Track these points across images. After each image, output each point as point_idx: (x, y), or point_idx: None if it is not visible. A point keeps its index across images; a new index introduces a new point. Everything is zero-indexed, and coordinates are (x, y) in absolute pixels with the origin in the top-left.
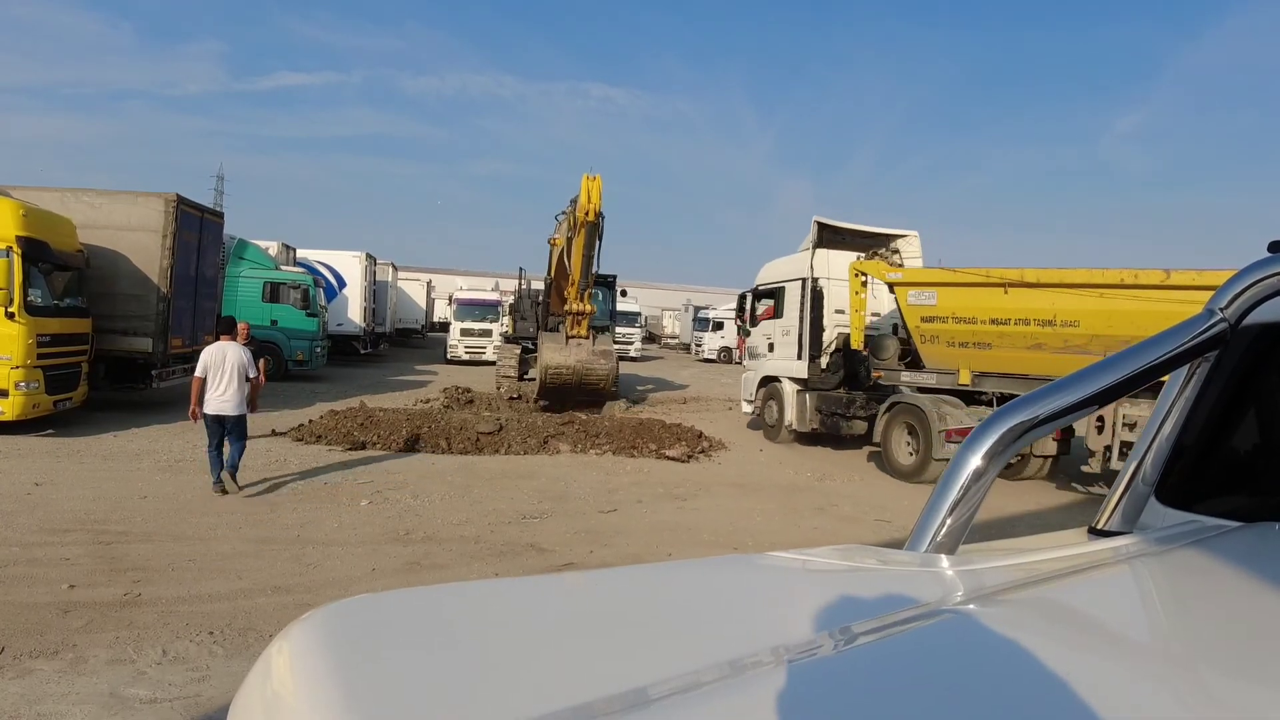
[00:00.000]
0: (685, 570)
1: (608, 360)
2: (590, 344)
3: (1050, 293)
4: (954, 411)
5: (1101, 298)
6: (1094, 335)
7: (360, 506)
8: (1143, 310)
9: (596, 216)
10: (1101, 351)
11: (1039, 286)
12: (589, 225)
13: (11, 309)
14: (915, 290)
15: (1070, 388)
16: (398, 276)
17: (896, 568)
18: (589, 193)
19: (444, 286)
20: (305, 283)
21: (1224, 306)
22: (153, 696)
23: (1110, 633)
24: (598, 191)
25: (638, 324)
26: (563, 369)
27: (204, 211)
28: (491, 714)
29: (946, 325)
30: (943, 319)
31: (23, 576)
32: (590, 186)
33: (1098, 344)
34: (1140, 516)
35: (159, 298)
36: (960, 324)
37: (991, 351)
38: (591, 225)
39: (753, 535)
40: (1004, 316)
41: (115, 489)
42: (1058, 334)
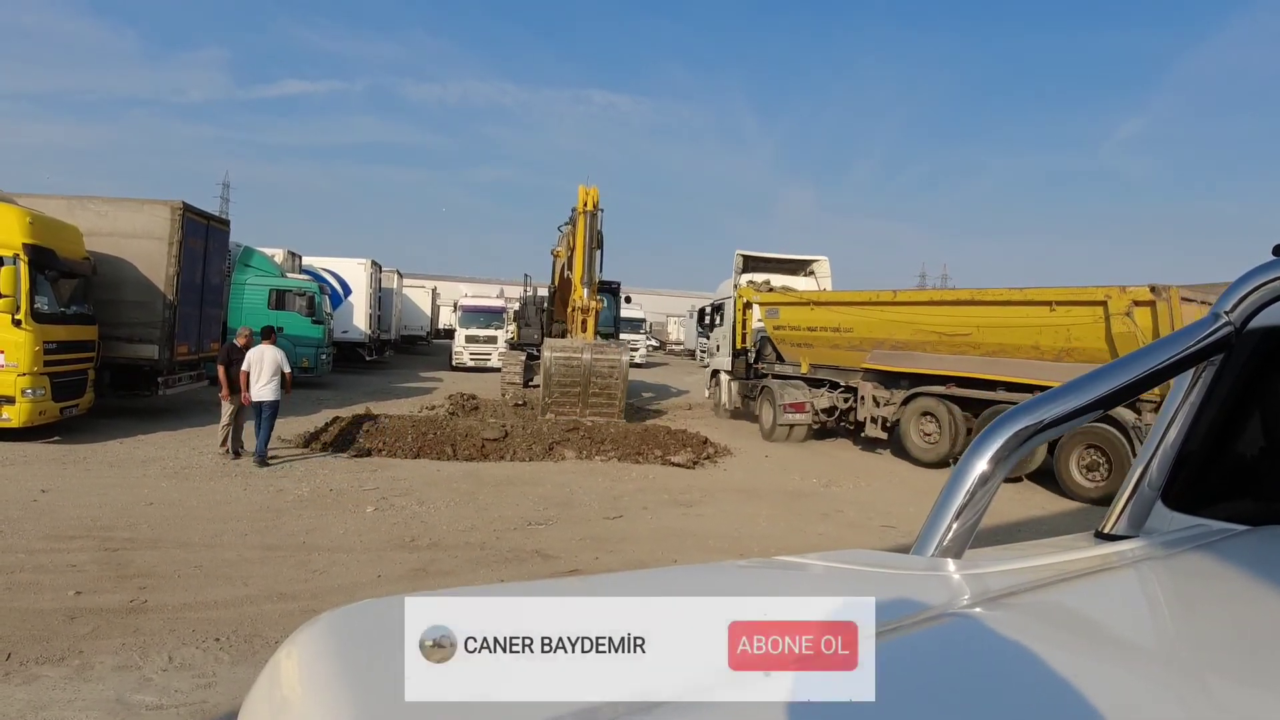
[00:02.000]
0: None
1: (618, 354)
2: (597, 342)
3: (838, 308)
4: (793, 391)
5: (862, 310)
6: (862, 337)
7: (366, 513)
8: (886, 319)
9: (595, 207)
10: (870, 349)
11: (825, 305)
12: (589, 214)
13: (18, 316)
14: (768, 307)
15: (1075, 392)
16: (403, 283)
17: (902, 572)
18: (586, 192)
19: (449, 293)
20: (311, 290)
21: (1229, 310)
22: (159, 703)
23: (1117, 636)
24: (595, 193)
25: (643, 330)
26: (571, 358)
27: (209, 219)
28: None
29: (786, 332)
30: (783, 327)
31: (29, 583)
32: (586, 190)
33: (866, 343)
34: (1146, 521)
35: (165, 305)
36: (793, 330)
37: (814, 350)
38: (590, 215)
39: (758, 541)
40: (814, 325)
41: (121, 496)
42: (842, 337)
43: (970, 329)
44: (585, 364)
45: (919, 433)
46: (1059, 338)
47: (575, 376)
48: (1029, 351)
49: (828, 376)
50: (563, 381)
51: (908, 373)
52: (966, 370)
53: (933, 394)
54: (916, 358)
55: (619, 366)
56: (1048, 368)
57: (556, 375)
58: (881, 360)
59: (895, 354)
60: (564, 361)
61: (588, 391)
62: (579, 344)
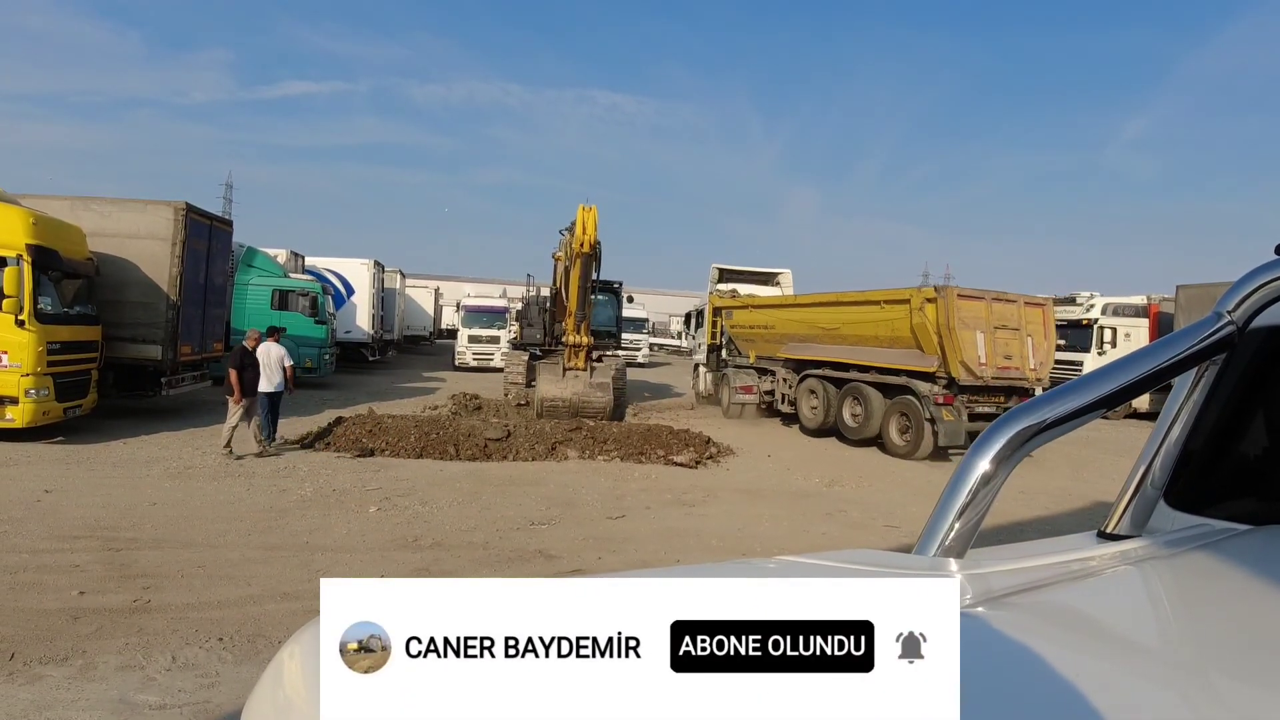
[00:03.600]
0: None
1: (604, 393)
2: (588, 376)
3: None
4: (743, 377)
5: (779, 312)
6: (780, 333)
7: (369, 513)
8: (792, 318)
9: (592, 247)
10: (786, 342)
11: (757, 308)
12: (584, 257)
13: (21, 316)
14: (726, 310)
15: (1078, 392)
16: (405, 284)
17: (905, 571)
18: (584, 224)
19: (452, 293)
20: (314, 290)
21: (1231, 309)
22: (162, 703)
23: (1119, 636)
24: (593, 223)
25: (645, 330)
26: (558, 401)
27: (213, 219)
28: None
29: (738, 330)
30: (737, 326)
31: (33, 583)
32: (585, 217)
33: (784, 338)
34: (1149, 520)
35: (168, 305)
36: (742, 329)
37: (756, 344)
38: (588, 256)
39: (761, 541)
40: (754, 324)
41: (125, 496)
42: (770, 333)
43: (838, 324)
44: (574, 405)
45: (808, 406)
46: (886, 329)
47: (563, 415)
48: (871, 340)
49: (766, 365)
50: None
51: (802, 359)
52: (835, 356)
53: (815, 375)
54: (808, 348)
55: (605, 410)
56: (881, 353)
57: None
58: (790, 350)
59: (797, 345)
60: (552, 404)
61: None
62: (568, 389)
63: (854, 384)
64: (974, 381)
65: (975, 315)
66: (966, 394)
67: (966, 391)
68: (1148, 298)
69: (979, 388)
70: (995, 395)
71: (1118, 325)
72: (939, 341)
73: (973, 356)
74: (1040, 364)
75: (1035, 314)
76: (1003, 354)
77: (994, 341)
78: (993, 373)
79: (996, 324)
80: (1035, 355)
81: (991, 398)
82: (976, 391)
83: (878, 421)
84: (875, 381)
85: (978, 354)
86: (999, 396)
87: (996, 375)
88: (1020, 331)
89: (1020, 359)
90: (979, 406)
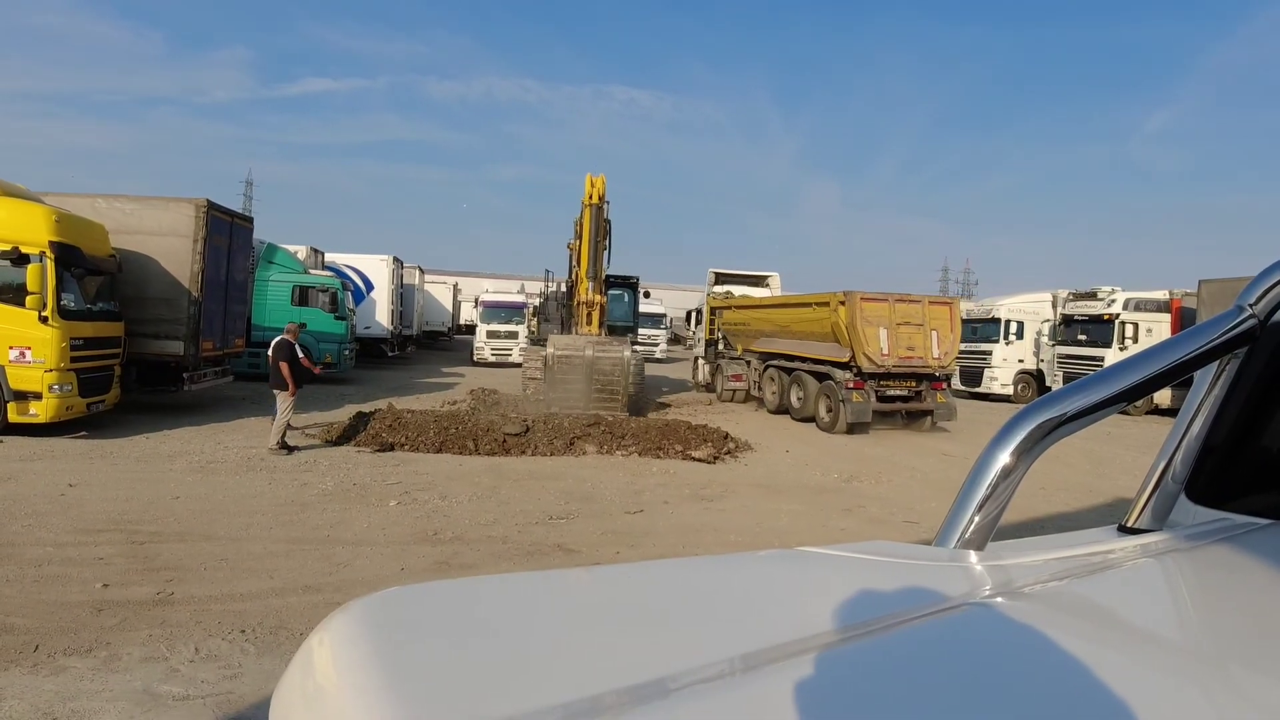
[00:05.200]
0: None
1: (621, 347)
2: (601, 336)
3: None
4: (734, 366)
5: (751, 312)
6: (754, 330)
7: (389, 507)
8: (759, 317)
9: (600, 200)
10: (759, 337)
11: (739, 309)
12: (593, 208)
13: (45, 313)
14: (718, 310)
15: (1098, 385)
16: (424, 280)
17: (924, 562)
18: (592, 183)
19: (470, 289)
20: (334, 286)
21: (1253, 303)
22: (185, 694)
23: (1139, 628)
24: (601, 184)
25: (663, 325)
26: (572, 355)
27: (234, 216)
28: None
29: (729, 327)
30: (728, 324)
31: (57, 575)
32: (593, 180)
33: (757, 334)
34: (1170, 514)
35: (190, 301)
36: (732, 326)
37: (741, 339)
38: (596, 208)
39: (779, 536)
40: (739, 322)
41: (148, 490)
42: (749, 330)
43: (789, 322)
44: (587, 360)
45: (770, 391)
46: (816, 326)
47: (577, 373)
48: (807, 336)
49: (749, 357)
50: (565, 377)
51: (765, 352)
52: (786, 349)
53: (774, 365)
54: (771, 342)
55: (621, 362)
56: (814, 346)
57: (559, 371)
58: (759, 345)
59: (764, 340)
60: (565, 358)
61: (590, 387)
62: (582, 340)
63: (798, 372)
64: (877, 370)
65: (878, 314)
66: (874, 380)
67: (874, 378)
68: (1170, 293)
69: (884, 374)
70: (905, 380)
71: (1139, 320)
72: (849, 336)
73: (875, 349)
74: (944, 353)
75: (941, 311)
76: (905, 345)
77: (896, 335)
78: (894, 362)
79: (899, 321)
80: (939, 346)
81: (902, 383)
82: (884, 377)
83: (812, 402)
84: (811, 370)
85: (880, 346)
86: (910, 381)
87: (898, 364)
88: (924, 326)
89: (923, 349)
90: (890, 390)
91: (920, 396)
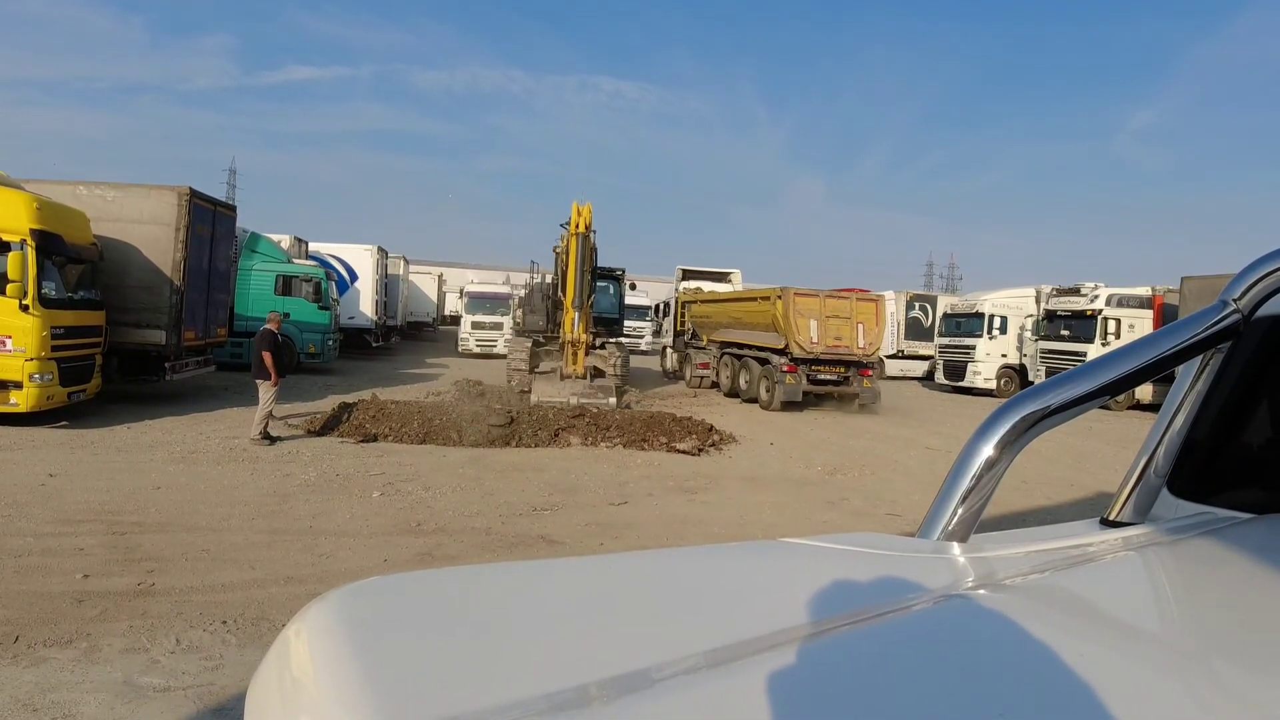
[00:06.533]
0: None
1: (607, 395)
2: (586, 381)
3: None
4: (702, 355)
5: (712, 305)
6: (714, 322)
7: (372, 498)
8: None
9: (588, 229)
10: (718, 329)
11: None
12: (580, 237)
13: (25, 301)
14: (686, 303)
15: (1082, 378)
16: (409, 270)
17: (907, 554)
18: (579, 212)
19: (455, 280)
20: (317, 276)
21: (1237, 298)
22: (166, 685)
23: (1120, 621)
24: (588, 212)
25: (648, 318)
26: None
27: (216, 205)
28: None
29: (696, 320)
30: (696, 316)
31: (37, 566)
32: (579, 209)
33: (717, 325)
34: (1152, 508)
35: (172, 290)
36: (698, 318)
37: (706, 330)
38: (583, 237)
39: (763, 528)
40: (703, 315)
41: (129, 480)
42: (712, 321)
43: (741, 314)
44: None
45: (725, 376)
46: (759, 318)
47: None
48: (755, 326)
49: (711, 346)
50: None
51: (722, 341)
52: (737, 339)
53: (729, 353)
54: (727, 332)
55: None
56: (758, 335)
57: None
58: (719, 335)
59: (721, 330)
60: None
61: None
62: (567, 389)
63: (746, 358)
64: (806, 356)
65: (810, 308)
66: (806, 365)
67: (805, 363)
68: (1152, 289)
69: (814, 360)
70: (834, 366)
71: (1122, 316)
72: (784, 326)
73: (806, 338)
74: (870, 344)
75: (868, 307)
76: (834, 336)
77: (825, 327)
78: (823, 349)
79: (829, 314)
80: (865, 337)
81: (831, 369)
82: (814, 363)
83: (756, 384)
84: (755, 356)
85: (810, 335)
86: (839, 368)
87: (826, 351)
88: (850, 320)
89: (850, 340)
90: (821, 374)
91: (848, 381)
